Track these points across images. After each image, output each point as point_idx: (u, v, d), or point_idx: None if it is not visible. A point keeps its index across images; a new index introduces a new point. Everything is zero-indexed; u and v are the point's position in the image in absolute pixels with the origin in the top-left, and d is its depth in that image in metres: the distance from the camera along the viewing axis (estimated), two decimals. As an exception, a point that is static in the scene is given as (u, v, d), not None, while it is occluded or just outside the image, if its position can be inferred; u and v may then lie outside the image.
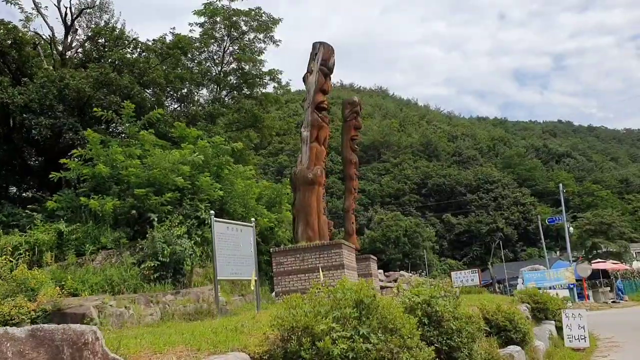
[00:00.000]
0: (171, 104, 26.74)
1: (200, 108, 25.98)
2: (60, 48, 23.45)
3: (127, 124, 18.45)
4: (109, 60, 21.88)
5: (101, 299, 12.22)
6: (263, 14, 29.76)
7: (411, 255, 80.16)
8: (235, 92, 30.10)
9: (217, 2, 29.09)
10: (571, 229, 45.20)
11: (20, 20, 22.45)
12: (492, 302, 14.14)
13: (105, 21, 24.58)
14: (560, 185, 44.33)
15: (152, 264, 15.86)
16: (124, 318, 12.10)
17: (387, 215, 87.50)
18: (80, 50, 24.11)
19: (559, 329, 15.32)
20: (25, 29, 21.75)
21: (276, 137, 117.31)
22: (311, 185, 17.62)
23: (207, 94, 28.96)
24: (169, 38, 26.13)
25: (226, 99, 29.68)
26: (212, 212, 13.75)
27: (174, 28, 26.06)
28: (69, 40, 23.71)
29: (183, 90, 26.52)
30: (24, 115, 18.45)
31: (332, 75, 18.95)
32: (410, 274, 52.84)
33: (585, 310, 15.79)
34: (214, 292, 13.03)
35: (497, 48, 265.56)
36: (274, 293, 17.64)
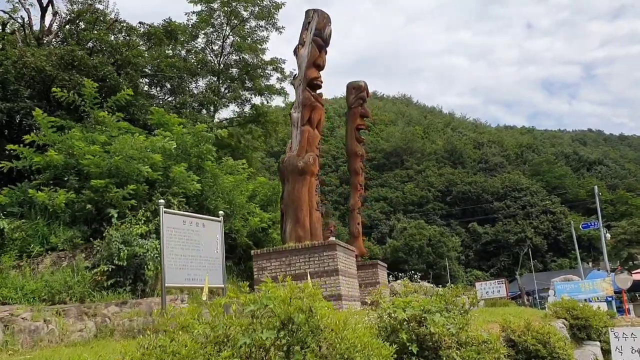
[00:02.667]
0: (162, 94, 24.27)
1: (191, 98, 23.40)
2: (38, 32, 21.17)
3: (90, 108, 15.89)
4: (86, 41, 19.43)
5: (12, 309, 9.58)
6: (265, -3, 27.21)
7: (435, 266, 76.52)
8: (235, 84, 27.48)
9: (214, -15, 26.63)
10: (608, 235, 41.44)
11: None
12: (520, 317, 11.12)
13: (89, 3, 22.20)
14: (595, 187, 40.69)
15: (106, 269, 13.21)
16: (39, 334, 9.39)
17: (410, 223, 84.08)
18: (60, 34, 21.76)
19: (606, 352, 12.17)
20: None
21: (285, 136, 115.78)
22: (302, 175, 14.85)
23: (203, 86, 26.41)
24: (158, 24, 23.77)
25: (225, 90, 27.08)
26: (161, 201, 11.03)
27: (169, 18, 23.68)
28: (47, 24, 21.40)
29: (176, 80, 23.98)
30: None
31: (328, 48, 16.15)
32: (432, 285, 49.54)
33: (637, 329, 12.59)
34: (161, 303, 10.27)
35: (524, 57, 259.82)
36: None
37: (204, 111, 25.68)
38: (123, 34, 21.56)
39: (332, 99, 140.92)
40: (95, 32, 19.43)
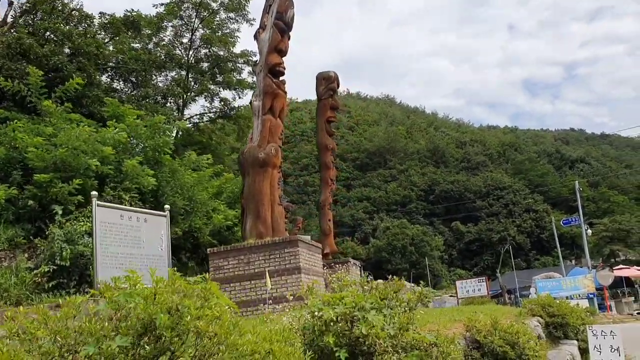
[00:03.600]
0: (126, 87, 23.17)
1: (153, 91, 22.31)
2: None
3: (36, 98, 14.81)
4: (41, 31, 18.31)
5: None
6: (234, -13, 26.19)
7: (418, 265, 75.81)
8: (204, 77, 26.42)
9: (182, -26, 25.57)
10: (589, 231, 40.89)
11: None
12: (491, 315, 10.26)
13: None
14: (576, 183, 40.13)
15: (47, 269, 12.15)
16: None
17: (393, 223, 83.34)
18: (15, 24, 20.59)
19: (584, 351, 11.37)
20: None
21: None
22: (263, 167, 13.89)
23: (167, 80, 25.32)
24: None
25: (193, 84, 26.02)
26: (94, 192, 10.04)
27: (132, 10, 22.56)
28: (1, 15, 20.27)
29: (141, 74, 22.89)
30: None
31: (291, 33, 15.20)
32: (412, 285, 48.74)
33: (616, 326, 11.80)
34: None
35: (508, 59, 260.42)
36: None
37: (171, 105, 24.68)
38: (83, 25, 20.44)
39: (316, 99, 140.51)
40: (49, 22, 18.29)
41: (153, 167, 15.76)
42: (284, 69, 14.90)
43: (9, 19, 20.83)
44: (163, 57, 25.29)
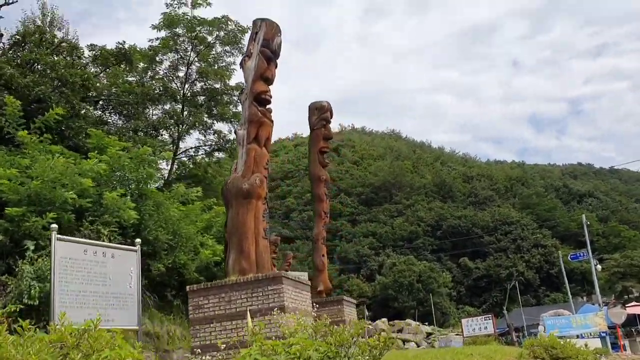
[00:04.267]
0: (118, 120, 22.73)
1: (143, 123, 21.84)
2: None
3: (14, 129, 14.25)
4: (28, 63, 17.95)
5: None
6: (229, 22, 25.97)
7: (426, 303, 74.15)
8: (199, 110, 26.00)
9: (176, 9, 25.39)
10: (598, 266, 39.59)
11: None
12: (490, 358, 9.34)
13: (37, 25, 20.85)
14: (584, 217, 39.03)
15: (14, 309, 11.34)
16: None
17: (399, 259, 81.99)
18: (3, 57, 20.30)
19: (593, 398, 10.37)
20: None
21: (284, 179, 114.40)
22: (246, 198, 13.17)
23: (161, 113, 24.86)
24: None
25: (187, 116, 25.57)
26: (53, 225, 9.32)
27: (123, 42, 22.24)
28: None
29: (133, 106, 22.46)
30: None
31: (278, 61, 14.67)
32: (418, 323, 47.35)
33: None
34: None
35: (511, 95, 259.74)
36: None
37: (165, 138, 24.24)
38: (72, 56, 20.09)
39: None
40: (37, 53, 17.93)
41: (136, 200, 15.10)
42: (270, 97, 14.30)
43: (-1, 52, 20.56)
44: (158, 90, 24.92)
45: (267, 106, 14.30)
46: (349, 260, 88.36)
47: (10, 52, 19.63)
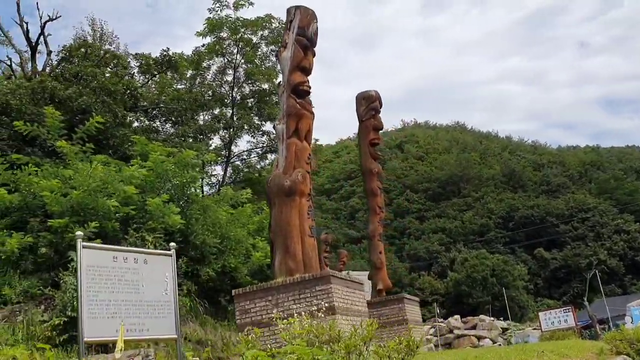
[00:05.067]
0: (168, 127, 22.69)
1: (190, 128, 21.64)
2: (29, 70, 20.12)
3: (55, 140, 14.20)
4: (74, 76, 18.06)
5: None
6: (273, 20, 25.50)
7: (501, 297, 71.27)
8: (250, 112, 25.68)
9: (219, 12, 25.14)
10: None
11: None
12: (561, 355, 8.21)
13: (81, 39, 21.09)
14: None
15: (58, 322, 11.20)
16: None
17: (471, 254, 79.35)
18: (52, 73, 20.63)
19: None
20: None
21: (348, 180, 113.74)
22: (289, 196, 12.51)
23: (209, 118, 24.63)
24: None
25: (237, 120, 25.28)
26: (79, 233, 8.92)
27: (167, 49, 22.20)
28: (38, 64, 20.35)
29: (181, 112, 22.36)
30: None
31: (315, 49, 13.96)
32: (492, 319, 45.21)
33: None
34: (78, 362, 8.05)
35: (581, 77, 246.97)
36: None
37: (217, 142, 24.08)
38: (118, 67, 20.16)
39: (382, 132, 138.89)
40: (81, 66, 18.01)
41: (182, 205, 14.75)
42: (309, 87, 13.61)
43: (48, 68, 20.91)
44: (207, 96, 24.76)
45: (306, 97, 13.60)
46: (419, 257, 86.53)
47: (59, 67, 19.86)
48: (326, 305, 11.25)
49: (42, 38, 20.70)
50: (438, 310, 46.18)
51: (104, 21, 27.33)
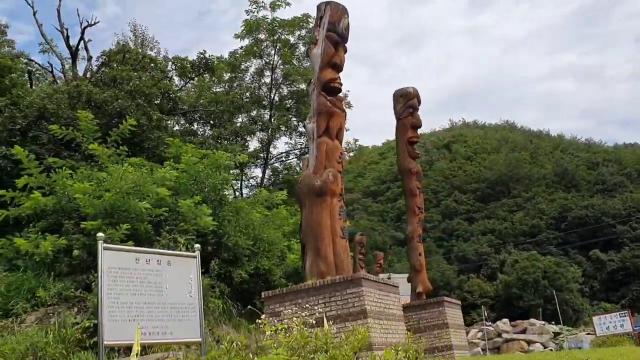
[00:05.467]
0: (205, 129, 22.75)
1: (226, 130, 21.60)
2: (71, 76, 20.52)
3: (90, 143, 14.28)
4: (107, 79, 18.29)
5: None
6: (309, 20, 25.26)
7: (554, 300, 69.02)
8: (288, 113, 25.52)
9: (255, 14, 25.08)
10: None
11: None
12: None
13: (121, 43, 21.38)
14: None
15: (88, 324, 11.19)
16: None
17: (522, 256, 77.25)
18: (93, 78, 20.99)
19: None
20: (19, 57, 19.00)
21: (394, 181, 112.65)
22: (320, 196, 12.17)
23: (247, 120, 24.53)
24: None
25: (274, 120, 25.16)
26: (100, 234, 8.79)
27: (204, 51, 22.24)
28: (78, 69, 20.72)
29: (218, 115, 22.38)
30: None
31: (347, 45, 13.61)
32: (543, 323, 43.71)
33: None
34: (99, 366, 7.90)
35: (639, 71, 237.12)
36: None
37: (255, 144, 24.00)
38: (155, 71, 20.31)
39: (429, 132, 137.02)
40: (119, 70, 18.21)
41: (214, 207, 14.63)
42: (340, 84, 13.25)
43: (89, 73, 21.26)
44: (244, 98, 24.73)
45: (338, 95, 13.24)
46: (467, 259, 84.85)
47: (98, 73, 20.17)
48: (358, 308, 10.86)
49: (82, 44, 21.09)
50: (486, 314, 44.94)
51: (145, 27, 27.62)
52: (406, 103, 17.77)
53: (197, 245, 9.88)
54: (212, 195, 14.74)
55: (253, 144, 24.71)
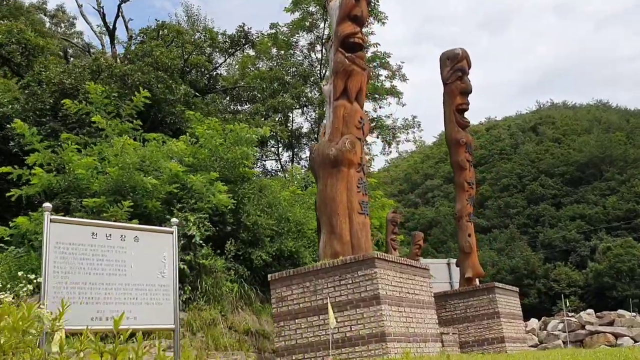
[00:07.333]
0: (247, 108, 21.73)
1: (263, 106, 20.36)
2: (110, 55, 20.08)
3: (104, 117, 13.46)
4: (138, 56, 17.59)
5: None
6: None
7: (652, 291, 63.65)
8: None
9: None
10: None
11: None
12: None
13: (159, 22, 20.70)
14: None
15: (82, 306, 10.27)
16: None
17: (615, 242, 71.80)
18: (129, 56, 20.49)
19: None
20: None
21: (477, 166, 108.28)
22: (335, 166, 10.72)
23: (288, 96, 23.15)
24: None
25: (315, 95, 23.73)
26: (46, 204, 7.73)
27: (243, 24, 21.07)
28: (117, 49, 20.26)
29: (262, 92, 21.29)
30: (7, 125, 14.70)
31: (369, -4, 11.94)
32: (634, 315, 39.75)
33: None
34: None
35: None
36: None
37: (301, 121, 22.72)
38: (189, 45, 19.45)
39: (515, 115, 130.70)
40: (148, 46, 17.45)
41: (234, 183, 13.50)
42: (361, 40, 11.64)
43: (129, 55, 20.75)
44: (292, 73, 23.49)
45: (358, 51, 11.64)
46: (554, 247, 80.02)
47: (134, 50, 19.60)
48: (370, 293, 9.33)
49: (123, 24, 20.61)
50: (567, 303, 41.67)
51: (198, 7, 27.00)
52: (454, 66, 15.82)
53: (174, 220, 8.67)
54: (231, 171, 13.58)
55: (299, 121, 23.47)
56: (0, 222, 13.49)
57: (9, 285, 11.17)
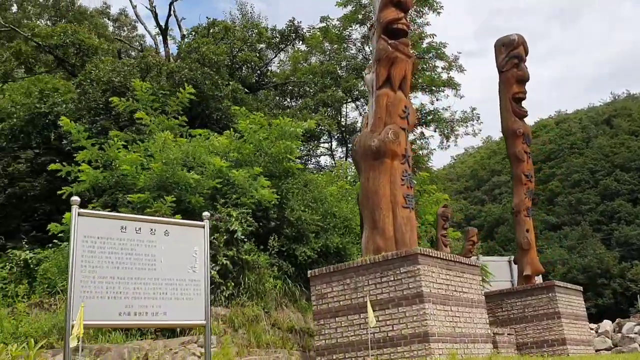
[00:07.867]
0: (296, 103, 21.51)
1: (312, 100, 20.02)
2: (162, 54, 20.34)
3: (148, 114, 13.47)
4: (189, 53, 17.67)
5: None
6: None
7: None
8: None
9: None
10: None
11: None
12: None
13: (210, 20, 20.80)
14: None
15: (122, 303, 10.27)
16: None
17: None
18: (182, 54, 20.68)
19: None
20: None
21: (546, 161, 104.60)
22: (377, 158, 10.29)
23: (339, 90, 22.61)
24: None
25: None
26: (74, 198, 7.63)
27: (293, 18, 20.77)
28: (170, 49, 20.48)
29: (311, 86, 21.02)
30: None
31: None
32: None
33: None
34: (64, 355, 6.74)
35: None
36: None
37: (354, 115, 22.31)
38: (237, 41, 19.41)
39: (587, 108, 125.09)
40: (197, 43, 17.48)
41: (279, 178, 13.25)
42: (405, 26, 11.09)
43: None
44: (345, 67, 23.08)
45: (402, 38, 11.11)
46: (630, 244, 75.93)
47: (186, 48, 19.73)
48: (413, 291, 8.81)
49: (175, 23, 20.81)
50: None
51: (252, 5, 27.15)
52: (509, 53, 14.95)
53: (206, 213, 8.45)
54: (276, 166, 13.33)
55: (352, 115, 22.96)
56: (56, 220, 13.78)
57: (58, 280, 11.34)
